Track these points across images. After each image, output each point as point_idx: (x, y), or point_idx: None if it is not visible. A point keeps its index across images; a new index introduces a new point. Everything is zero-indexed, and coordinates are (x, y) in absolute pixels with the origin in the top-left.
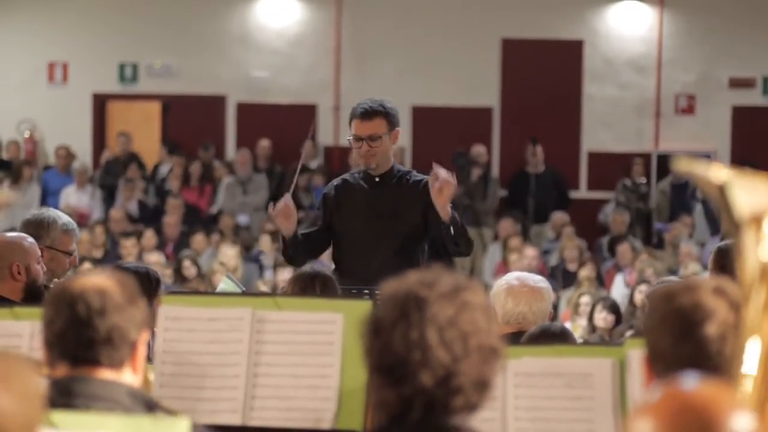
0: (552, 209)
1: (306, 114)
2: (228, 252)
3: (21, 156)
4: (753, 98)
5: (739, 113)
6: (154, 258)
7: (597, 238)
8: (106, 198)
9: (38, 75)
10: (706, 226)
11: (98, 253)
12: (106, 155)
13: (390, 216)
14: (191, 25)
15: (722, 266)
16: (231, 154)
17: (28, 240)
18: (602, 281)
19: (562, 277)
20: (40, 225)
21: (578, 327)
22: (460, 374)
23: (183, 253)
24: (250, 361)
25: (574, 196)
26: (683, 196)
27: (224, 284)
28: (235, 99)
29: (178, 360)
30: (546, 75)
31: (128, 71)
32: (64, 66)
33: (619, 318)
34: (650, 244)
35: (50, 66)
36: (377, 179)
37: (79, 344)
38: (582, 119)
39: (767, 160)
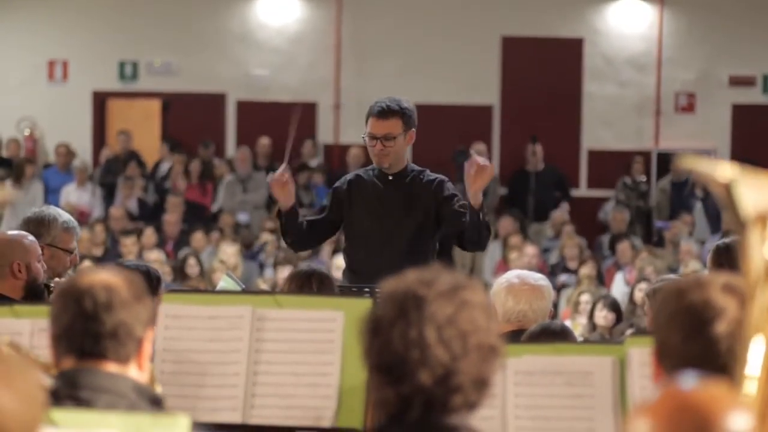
0: (552, 208)
1: (306, 112)
2: (228, 250)
3: (21, 154)
4: (753, 96)
5: (739, 111)
6: (155, 256)
7: (597, 237)
8: (106, 196)
9: (38, 73)
10: (706, 225)
11: (98, 251)
12: (106, 153)
13: (402, 214)
14: (191, 23)
15: (720, 264)
16: (231, 152)
17: (29, 238)
18: (602, 279)
19: (563, 275)
20: (41, 223)
21: (578, 325)
22: (459, 373)
23: (185, 252)
24: (251, 359)
25: (575, 195)
26: (683, 194)
27: (224, 282)
28: (235, 97)
29: (179, 358)
30: (546, 73)
31: (128, 69)
32: (64, 64)
33: (620, 316)
34: (650, 243)
35: (50, 64)
36: (390, 177)
37: (86, 338)
38: (582, 117)
39: (767, 159)
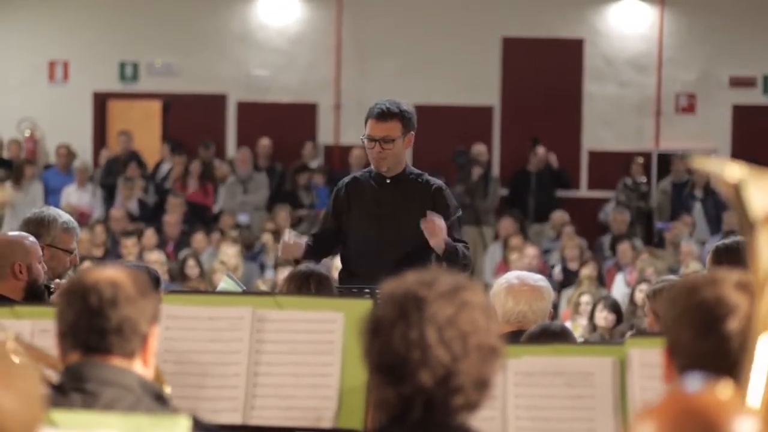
0: (553, 207)
1: (306, 113)
2: (228, 251)
3: (22, 155)
4: (753, 97)
5: (740, 112)
6: (155, 257)
7: (597, 238)
8: (107, 197)
9: (39, 74)
10: (706, 226)
11: (98, 252)
12: (107, 154)
13: (399, 217)
14: (192, 24)
15: (720, 265)
16: (231, 153)
17: (30, 239)
18: (603, 280)
19: (564, 276)
20: (41, 223)
21: (579, 326)
22: (460, 373)
23: (185, 253)
24: (251, 360)
25: (575, 195)
26: (683, 195)
27: (225, 283)
28: (236, 98)
29: (179, 359)
30: (546, 74)
31: (129, 70)
32: (65, 65)
33: (620, 317)
34: (651, 243)
35: (51, 65)
36: (388, 180)
37: (91, 333)
38: (582, 118)
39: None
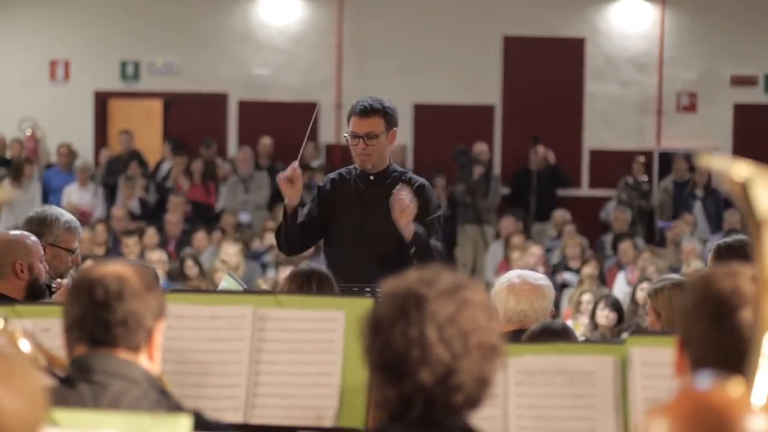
0: (554, 206)
1: (308, 112)
2: (229, 250)
3: (24, 154)
4: (755, 96)
5: (741, 111)
6: (156, 256)
7: (599, 236)
8: (108, 196)
9: (40, 73)
10: (706, 224)
11: (100, 251)
12: (108, 153)
13: (382, 215)
14: (193, 23)
15: (721, 263)
16: (233, 152)
17: (31, 238)
18: (604, 279)
19: (565, 273)
20: (43, 222)
21: (580, 325)
22: (460, 372)
23: (185, 252)
24: (252, 359)
25: (576, 194)
26: (685, 194)
27: (226, 282)
28: (237, 97)
29: (180, 358)
30: (548, 73)
31: (130, 69)
32: (66, 64)
33: (621, 316)
34: (652, 242)
35: (52, 64)
36: (371, 177)
37: (97, 326)
38: (584, 117)
39: None
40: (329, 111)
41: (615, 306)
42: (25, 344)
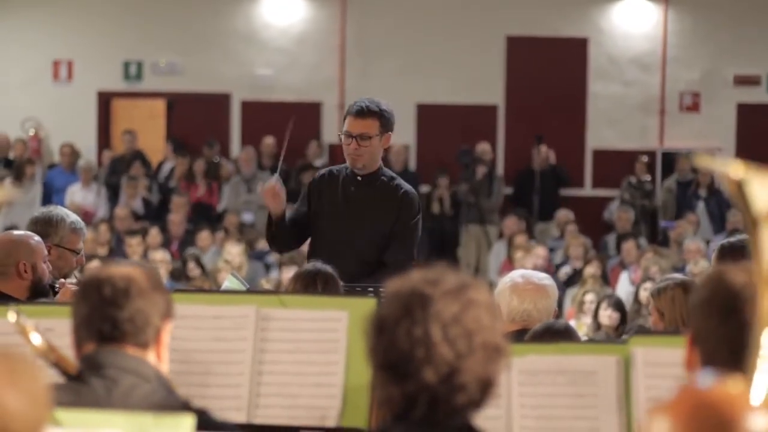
0: (557, 206)
1: (311, 112)
2: (233, 250)
3: (27, 154)
4: (758, 95)
5: (744, 110)
6: (159, 256)
7: (602, 236)
8: (111, 196)
9: (43, 73)
10: (709, 224)
11: (103, 251)
12: (111, 153)
13: (364, 216)
14: (196, 23)
15: (725, 263)
16: (236, 152)
17: (35, 239)
18: (607, 279)
19: (564, 267)
20: (49, 223)
21: (583, 325)
22: (464, 371)
23: (188, 252)
24: (255, 359)
25: (579, 194)
26: (688, 194)
27: (229, 282)
28: (240, 97)
29: (183, 358)
30: (551, 73)
31: (133, 69)
32: (69, 64)
33: (624, 316)
34: (655, 242)
35: (55, 64)
36: (359, 178)
37: (105, 323)
38: (587, 117)
39: None
40: (332, 111)
41: (618, 306)
42: (37, 338)
